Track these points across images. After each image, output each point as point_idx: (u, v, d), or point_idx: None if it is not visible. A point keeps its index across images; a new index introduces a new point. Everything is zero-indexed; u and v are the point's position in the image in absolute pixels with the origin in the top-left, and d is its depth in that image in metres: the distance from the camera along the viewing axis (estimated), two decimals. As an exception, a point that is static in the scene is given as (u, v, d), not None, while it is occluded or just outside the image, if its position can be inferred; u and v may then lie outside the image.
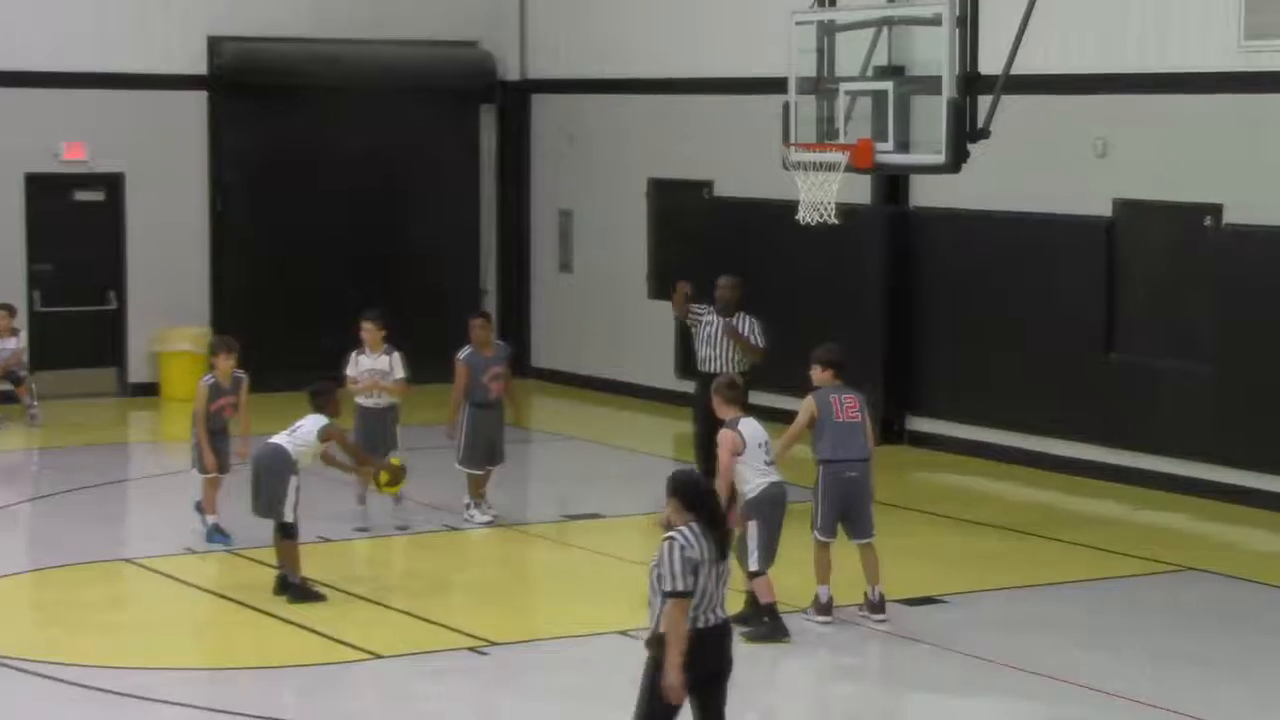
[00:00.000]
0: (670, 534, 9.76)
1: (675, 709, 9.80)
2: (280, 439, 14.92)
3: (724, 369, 17.44)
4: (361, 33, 25.46)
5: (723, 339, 17.72)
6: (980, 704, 12.88)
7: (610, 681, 13.05)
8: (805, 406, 14.35)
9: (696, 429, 17.80)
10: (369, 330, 17.41)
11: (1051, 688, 12.91)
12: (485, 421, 17.40)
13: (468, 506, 17.53)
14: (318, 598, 14.77)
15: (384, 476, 15.64)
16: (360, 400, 17.34)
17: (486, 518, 17.45)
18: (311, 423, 14.95)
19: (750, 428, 13.81)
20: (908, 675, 13.55)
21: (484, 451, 17.42)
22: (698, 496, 9.84)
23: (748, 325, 17.75)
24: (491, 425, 17.47)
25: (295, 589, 14.76)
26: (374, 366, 17.32)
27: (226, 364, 16.65)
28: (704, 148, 23.75)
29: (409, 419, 17.95)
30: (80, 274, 24.48)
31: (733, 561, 10.63)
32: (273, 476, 14.83)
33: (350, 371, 17.34)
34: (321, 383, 15.35)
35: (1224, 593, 15.60)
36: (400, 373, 17.39)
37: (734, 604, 11.27)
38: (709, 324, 17.80)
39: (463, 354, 17.38)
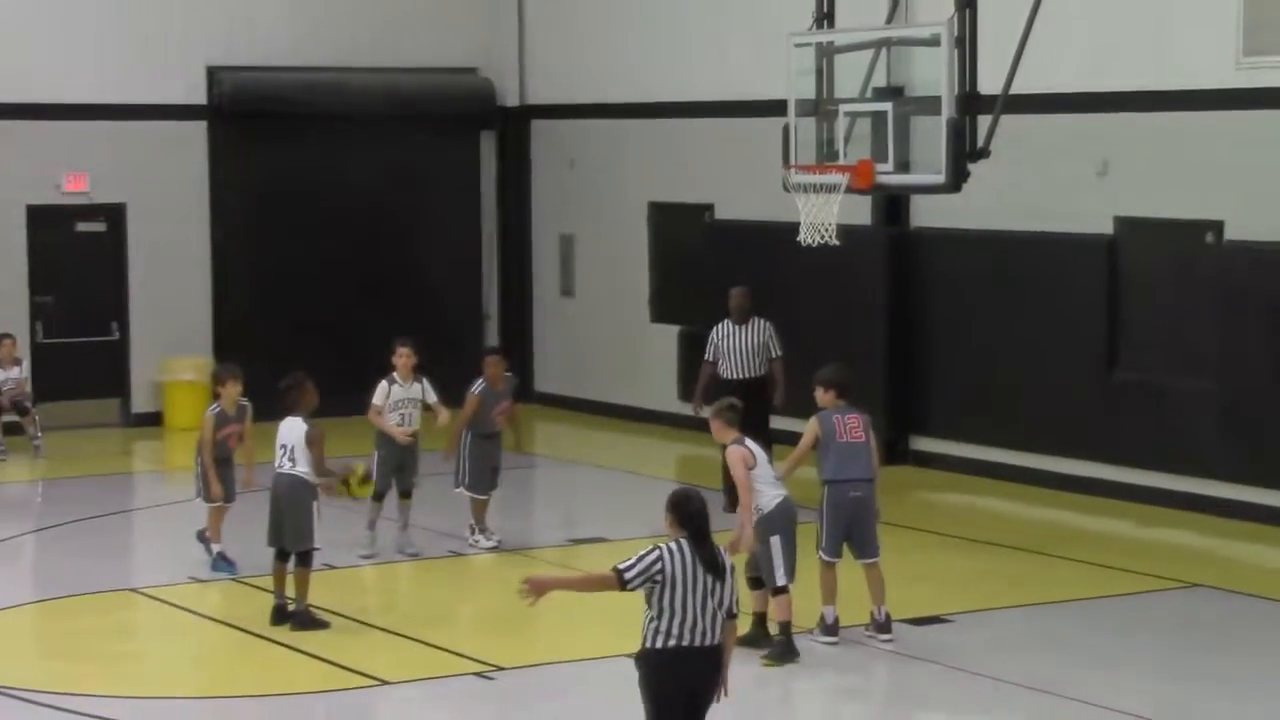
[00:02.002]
0: (660, 544, 9.94)
1: None
2: (292, 469, 14.88)
3: (744, 374, 18.56)
4: (361, 61, 25.51)
5: (738, 346, 18.72)
6: (988, 723, 12.91)
7: (617, 705, 13.05)
8: (809, 428, 14.35)
9: None
10: (405, 356, 17.16)
11: (1057, 706, 12.90)
12: (489, 449, 17.49)
13: (472, 531, 17.54)
14: (322, 625, 14.76)
15: (354, 483, 15.33)
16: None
17: (491, 543, 17.46)
18: (296, 435, 14.89)
19: (754, 445, 13.84)
20: (914, 695, 13.54)
21: (489, 477, 17.47)
22: (687, 513, 9.97)
23: (764, 330, 18.83)
24: (494, 453, 17.59)
25: (299, 616, 14.75)
26: (407, 395, 17.20)
27: (232, 392, 16.63)
28: (704, 171, 23.79)
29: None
30: (82, 305, 24.49)
31: (741, 587, 10.66)
32: (297, 506, 14.81)
33: (378, 401, 17.11)
34: (291, 377, 15.16)
35: (1231, 609, 15.59)
36: (433, 396, 17.33)
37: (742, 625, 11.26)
38: (727, 335, 18.84)
39: (476, 388, 17.38)
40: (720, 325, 19.03)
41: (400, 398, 17.17)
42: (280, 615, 14.83)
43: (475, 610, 16.11)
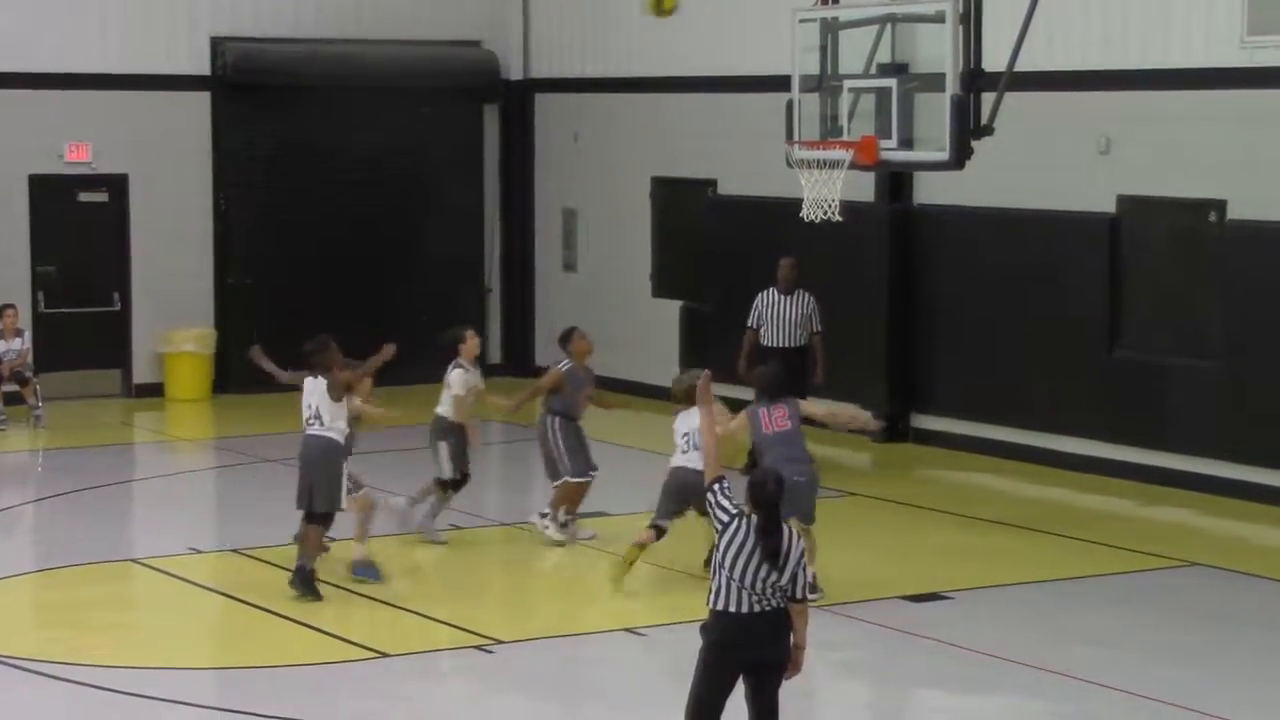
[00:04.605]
0: (746, 513, 9.95)
1: (726, 691, 9.95)
2: (320, 430, 14.72)
3: (786, 343, 19.33)
4: (365, 33, 25.48)
5: (783, 315, 19.36)
6: (983, 700, 12.89)
7: (617, 679, 13.08)
8: (738, 421, 14.63)
9: None
10: (473, 337, 16.60)
11: (1055, 683, 12.92)
12: (578, 430, 16.80)
13: (563, 524, 16.84)
14: (315, 596, 14.70)
15: None
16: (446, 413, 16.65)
17: (588, 533, 16.90)
18: (319, 393, 14.76)
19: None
20: (911, 671, 13.55)
21: (586, 458, 16.84)
22: (757, 496, 9.95)
23: (808, 302, 19.55)
24: (584, 433, 16.91)
25: (300, 574, 14.66)
26: (476, 384, 16.66)
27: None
28: (707, 146, 23.76)
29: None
30: (84, 275, 24.48)
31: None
32: (328, 468, 14.66)
33: (460, 391, 16.47)
34: (316, 340, 14.98)
35: (1229, 588, 15.61)
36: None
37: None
38: (772, 303, 19.51)
39: (562, 366, 16.76)
40: (766, 293, 19.57)
41: (473, 384, 16.75)
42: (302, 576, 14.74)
43: (475, 584, 16.12)
